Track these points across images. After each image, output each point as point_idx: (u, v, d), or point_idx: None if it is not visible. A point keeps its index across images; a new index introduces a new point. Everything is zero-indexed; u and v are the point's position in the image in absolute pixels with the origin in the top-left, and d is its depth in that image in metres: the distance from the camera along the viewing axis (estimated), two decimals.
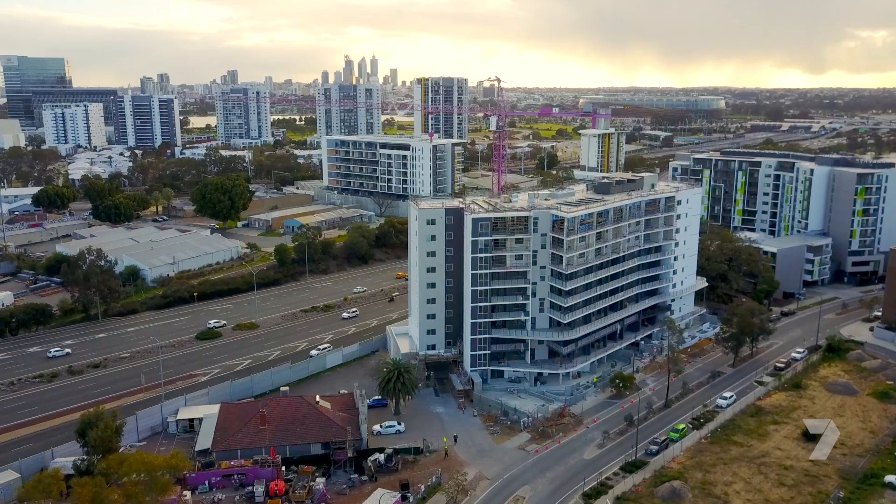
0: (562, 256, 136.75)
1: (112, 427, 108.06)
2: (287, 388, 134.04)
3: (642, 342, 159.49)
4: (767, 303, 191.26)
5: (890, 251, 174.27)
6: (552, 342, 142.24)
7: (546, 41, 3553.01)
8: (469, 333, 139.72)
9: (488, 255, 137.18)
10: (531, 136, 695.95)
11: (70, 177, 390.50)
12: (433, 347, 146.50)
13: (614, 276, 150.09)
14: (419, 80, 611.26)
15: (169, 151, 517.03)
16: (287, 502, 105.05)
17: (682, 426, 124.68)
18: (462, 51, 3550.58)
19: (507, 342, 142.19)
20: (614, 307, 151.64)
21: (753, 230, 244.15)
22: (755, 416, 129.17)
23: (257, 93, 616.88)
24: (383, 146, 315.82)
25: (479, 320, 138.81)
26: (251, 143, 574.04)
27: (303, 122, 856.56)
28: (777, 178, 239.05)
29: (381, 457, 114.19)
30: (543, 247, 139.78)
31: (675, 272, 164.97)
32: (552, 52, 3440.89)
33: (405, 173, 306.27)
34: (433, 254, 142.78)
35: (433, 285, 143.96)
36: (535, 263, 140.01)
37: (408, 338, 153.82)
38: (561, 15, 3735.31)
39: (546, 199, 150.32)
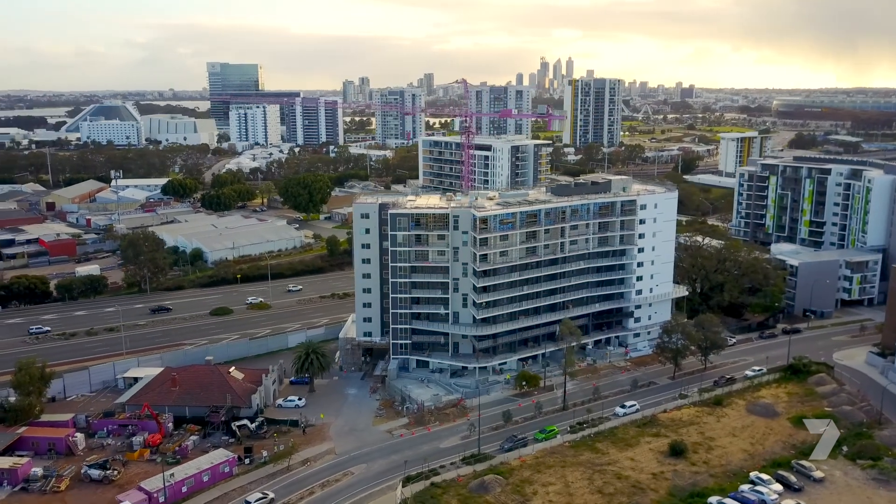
0: (478, 254, 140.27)
1: (36, 374, 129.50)
2: (211, 357, 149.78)
3: (590, 345, 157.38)
4: (775, 319, 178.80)
5: (891, 269, 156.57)
6: (472, 337, 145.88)
7: (765, 39, 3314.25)
8: (391, 323, 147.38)
9: (409, 249, 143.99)
10: (696, 140, 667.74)
11: (224, 170, 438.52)
12: (369, 334, 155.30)
13: (552, 277, 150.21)
14: (569, 82, 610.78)
15: (325, 149, 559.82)
16: (157, 453, 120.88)
17: (552, 427, 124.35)
18: (669, 51, 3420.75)
19: (430, 334, 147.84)
20: (553, 308, 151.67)
21: (821, 243, 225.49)
22: (643, 426, 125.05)
23: (413, 96, 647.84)
24: (469, 147, 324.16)
25: (399, 311, 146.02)
26: (403, 143, 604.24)
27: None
28: (848, 187, 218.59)
29: (252, 424, 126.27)
30: (465, 244, 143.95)
31: (640, 278, 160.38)
32: (771, 52, 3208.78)
33: (486, 172, 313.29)
34: (367, 246, 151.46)
35: (368, 276, 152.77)
36: (456, 260, 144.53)
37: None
38: (783, 10, 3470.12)
39: (489, 199, 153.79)
